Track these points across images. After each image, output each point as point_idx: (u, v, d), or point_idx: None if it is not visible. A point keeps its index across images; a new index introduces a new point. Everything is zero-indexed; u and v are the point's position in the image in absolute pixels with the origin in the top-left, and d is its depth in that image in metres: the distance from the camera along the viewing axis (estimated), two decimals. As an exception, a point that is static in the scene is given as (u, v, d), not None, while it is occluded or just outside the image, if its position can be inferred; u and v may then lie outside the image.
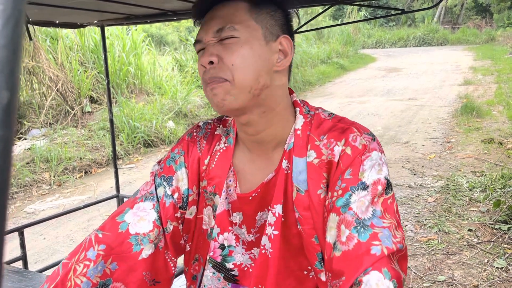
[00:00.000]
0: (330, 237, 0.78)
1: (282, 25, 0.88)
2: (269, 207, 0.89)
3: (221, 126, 0.99)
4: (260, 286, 0.90)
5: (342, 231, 0.76)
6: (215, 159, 0.95)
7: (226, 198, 0.94)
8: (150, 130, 6.41)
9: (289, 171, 0.87)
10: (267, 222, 0.89)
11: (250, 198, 0.91)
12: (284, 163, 0.88)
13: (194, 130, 1.00)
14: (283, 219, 0.87)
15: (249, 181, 0.93)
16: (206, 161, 0.96)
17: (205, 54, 0.83)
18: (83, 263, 0.85)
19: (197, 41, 0.87)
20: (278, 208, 0.87)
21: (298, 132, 0.88)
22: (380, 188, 0.79)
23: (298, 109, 0.90)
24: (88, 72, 7.20)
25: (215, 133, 0.98)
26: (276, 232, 0.87)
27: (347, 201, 0.78)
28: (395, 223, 0.76)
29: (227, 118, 1.00)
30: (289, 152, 0.88)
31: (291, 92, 0.94)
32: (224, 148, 0.95)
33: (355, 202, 0.77)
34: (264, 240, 0.89)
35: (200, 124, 1.01)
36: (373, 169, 0.80)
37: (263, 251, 0.89)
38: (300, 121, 0.89)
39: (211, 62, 0.82)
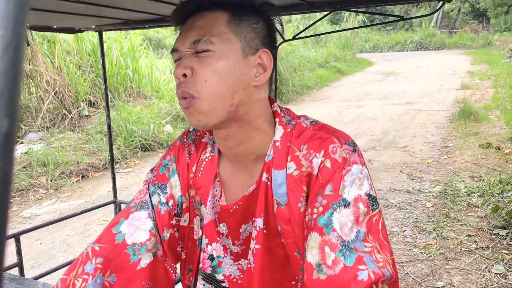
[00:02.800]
0: (311, 257, 0.75)
1: (263, 37, 0.84)
2: (253, 219, 0.88)
3: (207, 134, 0.98)
4: None
5: (327, 254, 0.73)
6: (201, 169, 0.94)
7: (212, 208, 0.93)
8: (147, 134, 6.39)
9: (269, 183, 0.85)
10: (251, 236, 0.88)
11: (231, 210, 0.90)
12: (264, 176, 0.86)
13: (185, 136, 0.99)
14: (265, 231, 0.86)
15: (233, 192, 0.92)
16: (193, 169, 0.95)
17: (180, 65, 0.80)
18: (82, 277, 0.84)
19: (174, 50, 0.83)
20: (259, 222, 0.86)
21: (277, 144, 0.85)
22: (362, 206, 0.76)
23: (278, 119, 0.87)
24: (86, 76, 7.19)
25: (202, 140, 0.97)
26: (257, 246, 0.86)
27: (330, 220, 0.75)
28: (377, 246, 0.74)
29: None
30: (268, 164, 0.85)
31: (272, 101, 0.91)
32: (210, 158, 0.94)
33: (338, 222, 0.74)
34: (250, 254, 0.88)
35: (190, 129, 1.00)
36: (354, 184, 0.77)
37: (249, 265, 0.89)
38: (279, 132, 0.86)
39: (185, 75, 0.79)
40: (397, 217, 3.66)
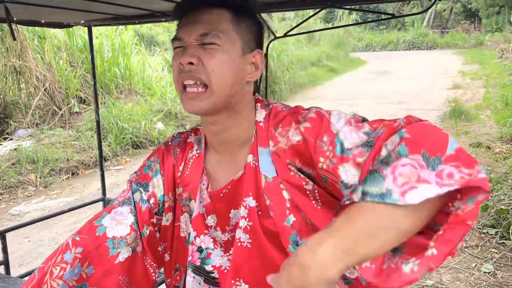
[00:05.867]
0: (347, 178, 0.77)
1: (257, 39, 0.92)
2: (244, 199, 0.91)
3: (193, 134, 1.03)
4: (237, 279, 0.90)
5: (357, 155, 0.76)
6: (189, 166, 0.98)
7: (200, 202, 0.96)
8: (138, 131, 6.35)
9: (256, 164, 0.90)
10: (240, 216, 0.90)
11: (221, 194, 0.93)
12: (250, 158, 0.90)
13: (170, 140, 1.04)
14: (258, 208, 0.89)
15: (219, 180, 0.95)
16: (180, 168, 0.99)
17: (186, 54, 0.85)
18: (60, 265, 0.86)
19: (176, 39, 0.89)
20: (249, 201, 0.89)
21: (261, 124, 0.92)
22: (353, 120, 0.80)
23: (259, 104, 0.95)
24: (76, 72, 7.12)
25: (188, 141, 1.02)
26: (251, 223, 0.89)
27: (342, 147, 0.78)
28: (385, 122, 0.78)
29: (198, 127, 1.03)
30: (253, 146, 0.91)
31: (254, 92, 0.98)
32: (197, 155, 0.98)
33: (346, 141, 0.78)
34: (239, 233, 0.90)
35: (175, 134, 1.06)
36: (340, 118, 0.82)
37: (239, 244, 0.90)
38: (261, 114, 0.93)
39: (191, 63, 0.85)
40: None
